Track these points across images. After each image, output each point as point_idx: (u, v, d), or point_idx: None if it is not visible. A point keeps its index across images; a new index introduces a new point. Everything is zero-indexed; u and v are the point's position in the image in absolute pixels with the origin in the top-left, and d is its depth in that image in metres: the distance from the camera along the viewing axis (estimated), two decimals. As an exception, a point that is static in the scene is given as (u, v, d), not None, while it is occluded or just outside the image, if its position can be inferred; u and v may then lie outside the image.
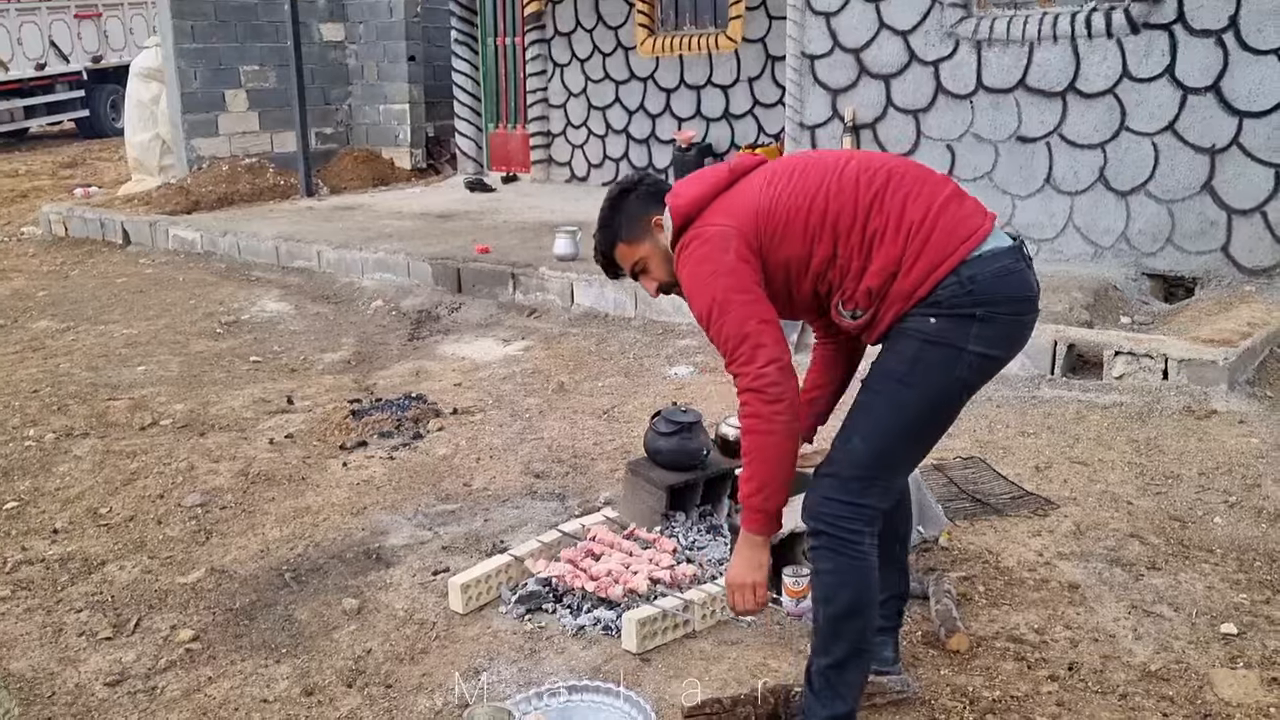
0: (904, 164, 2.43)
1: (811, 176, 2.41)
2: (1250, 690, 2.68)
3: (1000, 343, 2.33)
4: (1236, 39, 5.79)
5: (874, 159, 2.45)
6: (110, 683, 2.90)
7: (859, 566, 2.34)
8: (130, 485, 4.21)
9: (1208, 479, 3.96)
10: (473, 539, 3.65)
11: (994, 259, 2.30)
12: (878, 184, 2.36)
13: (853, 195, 2.36)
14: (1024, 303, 2.34)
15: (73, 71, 17.12)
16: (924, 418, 2.36)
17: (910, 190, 2.35)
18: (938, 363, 2.29)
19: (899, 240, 2.31)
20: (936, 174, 2.42)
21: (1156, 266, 6.24)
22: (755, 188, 2.44)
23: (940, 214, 2.32)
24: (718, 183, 2.48)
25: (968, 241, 2.29)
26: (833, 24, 7.09)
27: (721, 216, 2.41)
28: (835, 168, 2.41)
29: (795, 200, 2.38)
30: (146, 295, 7.52)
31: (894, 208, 2.33)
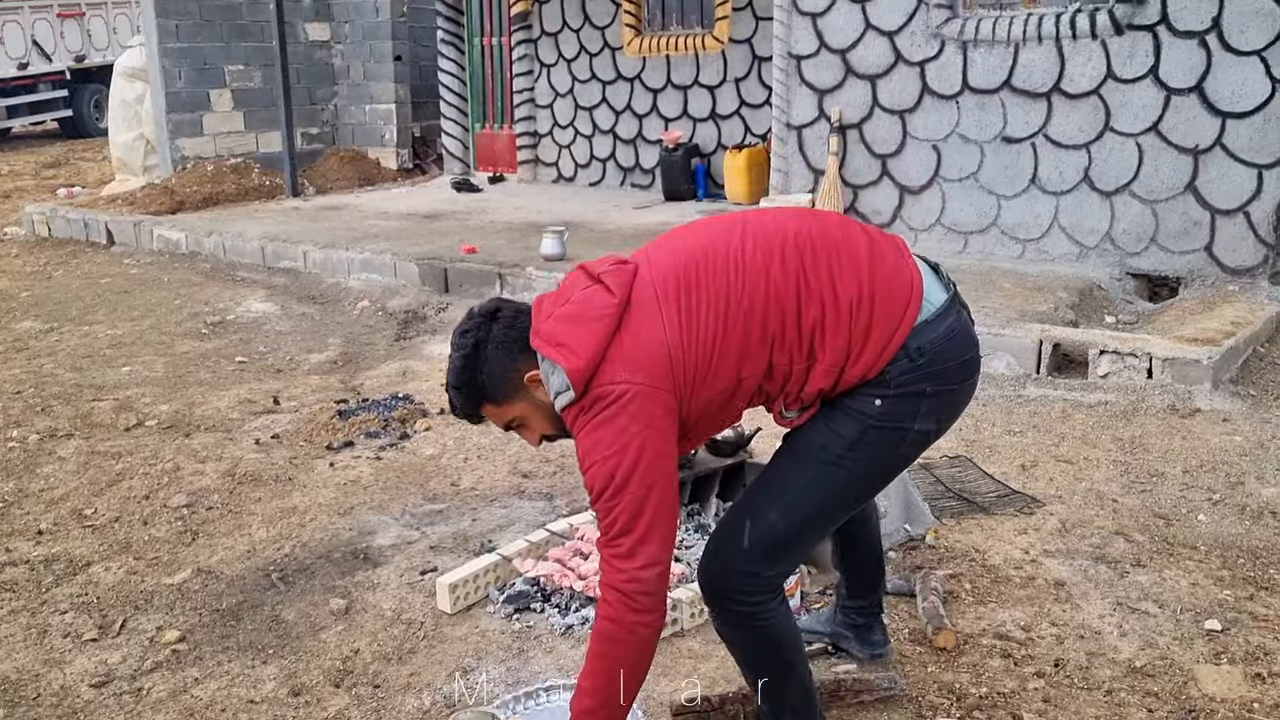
0: (804, 226, 2.11)
1: (713, 284, 2.04)
2: (1234, 685, 2.70)
3: (947, 414, 2.17)
4: (1219, 40, 5.83)
5: (767, 229, 2.09)
6: (96, 684, 2.88)
7: (770, 628, 2.17)
8: (115, 486, 4.19)
9: (1192, 477, 3.99)
10: (460, 539, 3.65)
11: (939, 320, 2.09)
12: (792, 265, 2.04)
13: (774, 291, 2.03)
14: (971, 364, 2.15)
15: (56, 71, 17.03)
16: (856, 494, 2.20)
17: (832, 261, 2.05)
18: (879, 444, 2.10)
19: (842, 328, 2.03)
20: (840, 226, 2.14)
21: (1141, 266, 6.28)
22: (653, 321, 2.03)
23: (874, 280, 2.06)
24: (608, 326, 2.03)
25: (910, 307, 2.06)
26: (819, 24, 7.11)
27: (625, 370, 2.00)
28: (734, 260, 2.05)
29: (709, 327, 2.02)
30: (131, 296, 7.48)
31: (824, 289, 2.03)
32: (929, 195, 6.94)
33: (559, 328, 2.07)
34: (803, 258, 2.05)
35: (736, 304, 2.03)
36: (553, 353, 2.05)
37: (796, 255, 2.06)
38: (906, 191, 7.02)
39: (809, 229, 2.10)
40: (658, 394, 2.00)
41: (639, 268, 2.11)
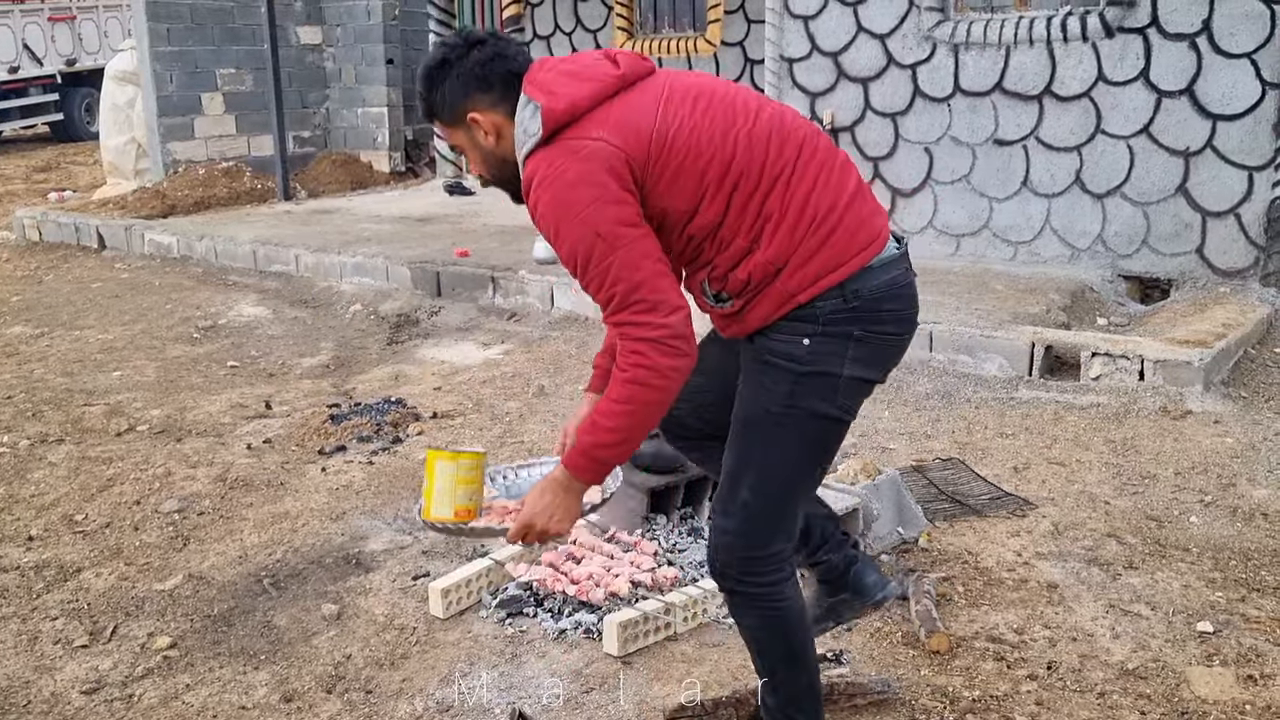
0: (816, 136, 2.10)
1: (719, 114, 2.01)
2: (1226, 688, 2.71)
3: (878, 363, 2.10)
4: (1210, 43, 5.85)
5: (787, 118, 2.08)
6: (86, 691, 2.87)
7: (784, 613, 2.16)
8: (106, 491, 4.17)
9: (1184, 479, 4.00)
10: (453, 543, 3.63)
11: (884, 270, 2.05)
12: (789, 154, 2.02)
13: (761, 158, 2.00)
14: (905, 321, 2.12)
15: (46, 75, 16.96)
16: (811, 453, 2.14)
17: (820, 173, 2.03)
18: (814, 394, 2.05)
19: (796, 232, 2.00)
20: (844, 155, 2.12)
21: (1132, 268, 6.30)
22: (649, 103, 1.99)
23: (846, 210, 2.03)
24: (605, 86, 1.98)
25: (866, 250, 2.03)
26: (811, 27, 7.12)
27: (605, 130, 1.94)
28: (747, 113, 2.04)
29: (698, 138, 1.97)
30: (122, 300, 7.46)
31: (799, 190, 2.01)
32: (921, 198, 6.95)
33: (554, 78, 2.01)
34: (799, 157, 2.03)
35: (730, 145, 1.99)
36: (536, 94, 1.98)
37: (796, 150, 2.04)
38: (899, 194, 7.03)
39: (817, 141, 2.09)
40: (629, 161, 1.94)
41: (658, 69, 2.10)
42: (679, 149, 1.97)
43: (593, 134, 1.94)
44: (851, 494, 3.38)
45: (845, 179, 2.07)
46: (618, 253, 1.92)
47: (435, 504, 2.14)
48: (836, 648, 2.89)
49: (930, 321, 5.41)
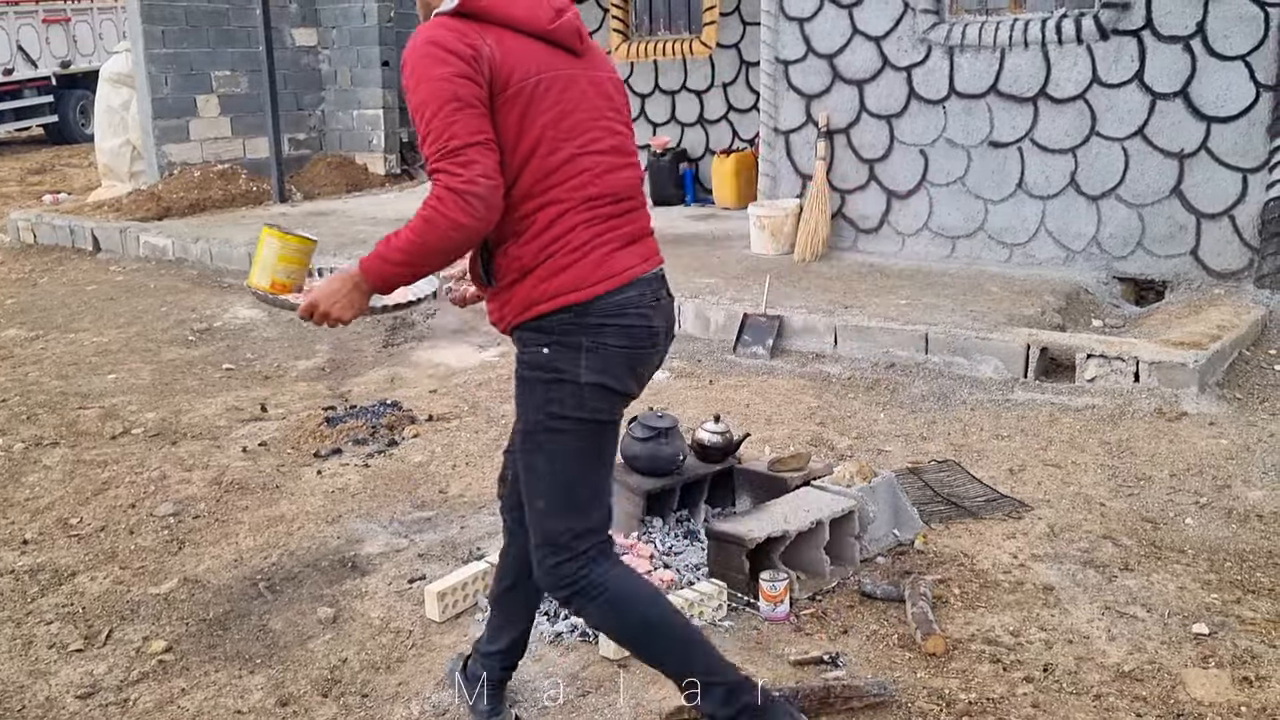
0: (634, 188, 2.28)
1: (573, 116, 2.19)
2: (1222, 689, 2.71)
3: (613, 372, 2.20)
4: (1204, 45, 5.86)
5: (624, 171, 2.26)
6: (81, 695, 2.86)
7: (616, 596, 2.26)
8: (101, 495, 4.16)
9: (1179, 480, 4.00)
10: (449, 546, 3.63)
11: (617, 293, 2.18)
12: (592, 186, 2.19)
13: (568, 170, 2.17)
14: (636, 338, 2.22)
15: (41, 77, 16.94)
16: (583, 457, 2.24)
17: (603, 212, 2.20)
18: (565, 400, 2.19)
19: (549, 248, 2.16)
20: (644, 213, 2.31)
21: (1127, 270, 6.31)
22: (536, 60, 2.16)
23: (604, 250, 2.18)
24: (527, 19, 2.17)
25: (605, 283, 2.17)
26: (806, 30, 7.13)
27: (496, 44, 2.12)
28: (597, 135, 2.21)
29: (538, 107, 2.15)
30: (117, 303, 7.45)
31: (572, 219, 2.16)
32: (916, 200, 6.96)
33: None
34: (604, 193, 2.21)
35: (556, 133, 2.16)
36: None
37: (606, 186, 2.22)
38: (894, 196, 7.04)
39: (636, 187, 2.30)
40: (489, 76, 2.11)
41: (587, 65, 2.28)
42: (511, 94, 2.13)
43: (487, 38, 2.12)
44: (847, 496, 3.38)
45: (625, 226, 2.24)
46: (463, 114, 2.06)
47: (257, 273, 2.35)
48: (833, 650, 2.89)
49: (926, 323, 5.42)
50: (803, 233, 7.09)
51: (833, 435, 4.53)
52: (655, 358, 2.30)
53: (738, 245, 7.51)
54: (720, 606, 3.09)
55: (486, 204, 2.06)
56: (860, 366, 5.39)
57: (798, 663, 2.85)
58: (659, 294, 2.28)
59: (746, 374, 5.40)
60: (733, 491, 3.70)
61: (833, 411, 4.82)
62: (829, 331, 5.60)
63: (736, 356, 5.67)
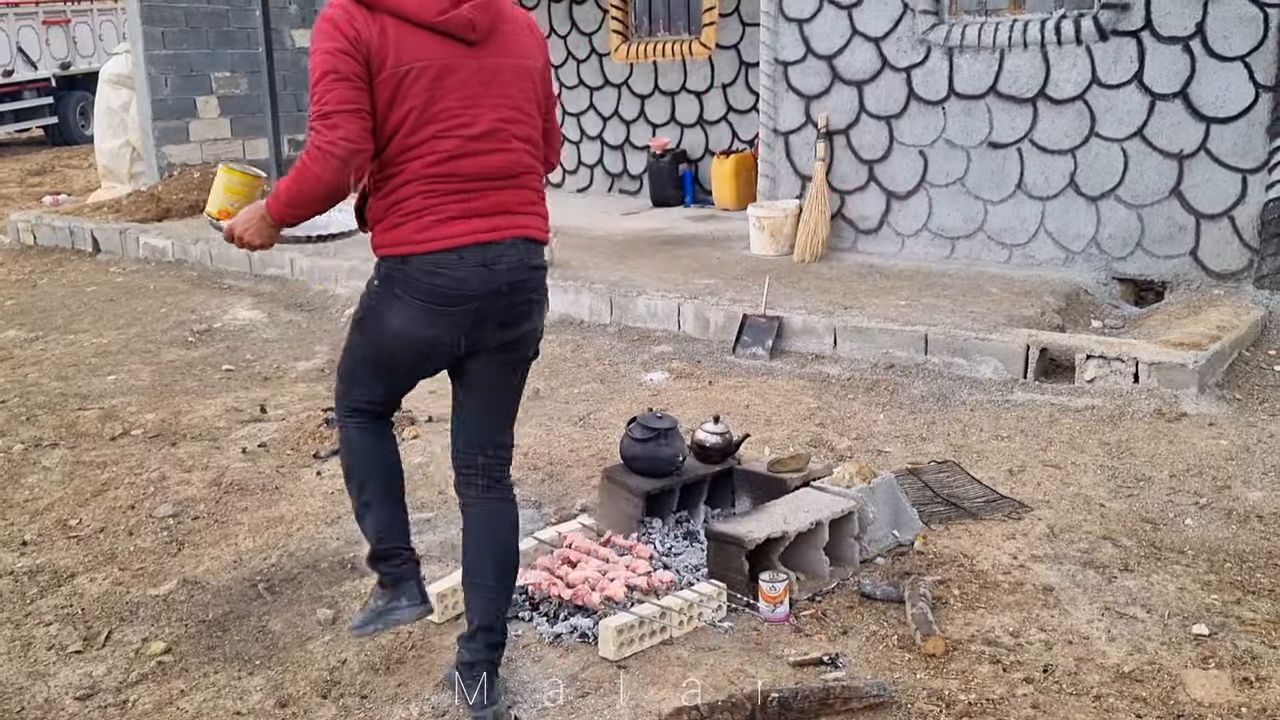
0: (512, 168, 2.57)
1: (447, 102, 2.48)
2: (1222, 690, 2.71)
3: (418, 325, 2.55)
4: (1203, 46, 5.86)
5: (499, 156, 2.55)
6: (80, 697, 2.86)
7: (348, 438, 2.77)
8: (101, 496, 4.16)
9: (1178, 481, 4.00)
10: (448, 547, 3.63)
11: (435, 256, 2.50)
12: (454, 165, 2.50)
13: (431, 146, 2.48)
14: (440, 299, 2.52)
15: (41, 78, 16.94)
16: (365, 358, 2.69)
17: (459, 185, 2.51)
18: (371, 321, 2.62)
19: (391, 211, 2.52)
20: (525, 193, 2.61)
21: (1127, 271, 6.31)
22: (421, 50, 2.45)
23: (440, 218, 2.50)
24: (420, 11, 2.43)
25: (426, 245, 2.50)
26: (806, 31, 7.13)
27: (385, 30, 2.42)
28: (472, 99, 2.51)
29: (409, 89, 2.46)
30: (117, 304, 7.45)
31: (416, 186, 2.50)
32: (916, 200, 6.96)
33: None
34: (470, 174, 2.52)
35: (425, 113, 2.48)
36: None
37: (471, 167, 2.51)
38: (893, 197, 7.04)
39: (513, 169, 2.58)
40: (367, 60, 2.42)
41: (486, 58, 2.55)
42: (386, 77, 2.44)
43: (373, 25, 2.42)
44: (847, 497, 3.38)
45: (488, 202, 2.54)
46: (338, 85, 2.40)
47: (210, 201, 2.82)
48: (832, 651, 2.89)
49: (925, 324, 5.42)
50: (802, 234, 7.09)
51: (832, 436, 4.53)
52: (479, 318, 2.58)
53: (737, 246, 7.51)
54: (720, 607, 3.09)
55: (343, 163, 2.41)
56: (860, 367, 5.39)
57: (797, 664, 2.85)
58: (491, 261, 2.54)
59: (746, 375, 5.40)
60: (732, 492, 3.70)
61: (832, 412, 4.82)
62: (828, 332, 5.60)
63: (736, 357, 5.66)
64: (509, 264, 2.57)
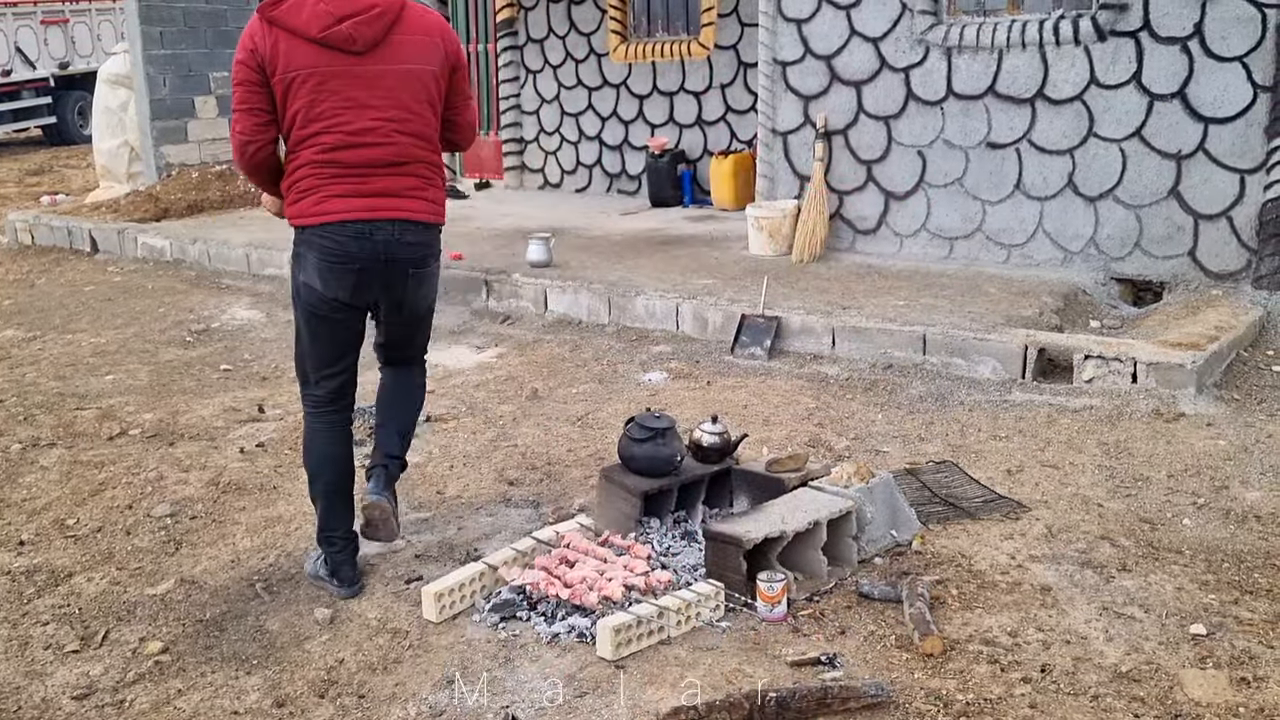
0: (382, 139, 3.11)
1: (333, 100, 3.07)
2: (1220, 690, 2.71)
3: (317, 280, 3.17)
4: (1201, 46, 5.86)
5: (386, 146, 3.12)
6: (78, 696, 2.85)
7: (306, 433, 3.38)
8: (98, 496, 4.16)
9: (1176, 481, 4.00)
10: (446, 547, 3.63)
11: (325, 228, 3.12)
12: (341, 154, 3.09)
13: (323, 136, 3.09)
14: (331, 260, 3.14)
15: (39, 78, 16.93)
16: (305, 335, 3.29)
17: (347, 170, 3.11)
18: (294, 289, 3.26)
19: (292, 189, 3.16)
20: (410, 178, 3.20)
21: (1125, 271, 6.31)
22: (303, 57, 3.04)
23: (327, 195, 3.11)
24: (304, 25, 3.02)
25: (317, 219, 3.12)
26: (804, 31, 7.13)
27: (271, 41, 3.04)
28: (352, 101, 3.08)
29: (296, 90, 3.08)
30: (115, 304, 7.44)
31: (311, 172, 3.12)
32: (914, 201, 6.96)
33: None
34: (357, 157, 3.11)
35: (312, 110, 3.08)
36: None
37: (356, 154, 3.10)
38: (892, 197, 7.04)
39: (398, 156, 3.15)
40: (259, 65, 3.06)
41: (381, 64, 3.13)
42: (280, 83, 3.07)
43: (269, 38, 3.05)
44: (845, 497, 3.38)
45: (368, 185, 3.12)
46: (240, 89, 3.10)
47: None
48: (830, 651, 2.89)
49: (924, 324, 5.42)
50: (800, 234, 7.09)
51: (830, 436, 4.53)
52: (362, 278, 3.18)
53: (735, 246, 7.51)
54: (718, 607, 3.09)
55: (241, 150, 3.16)
56: (858, 367, 5.39)
57: (795, 663, 2.85)
58: (369, 234, 3.14)
59: (744, 375, 5.40)
60: (730, 492, 3.70)
61: (830, 412, 4.82)
62: (827, 332, 5.60)
63: (734, 357, 5.66)
64: (384, 237, 3.15)
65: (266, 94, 3.06)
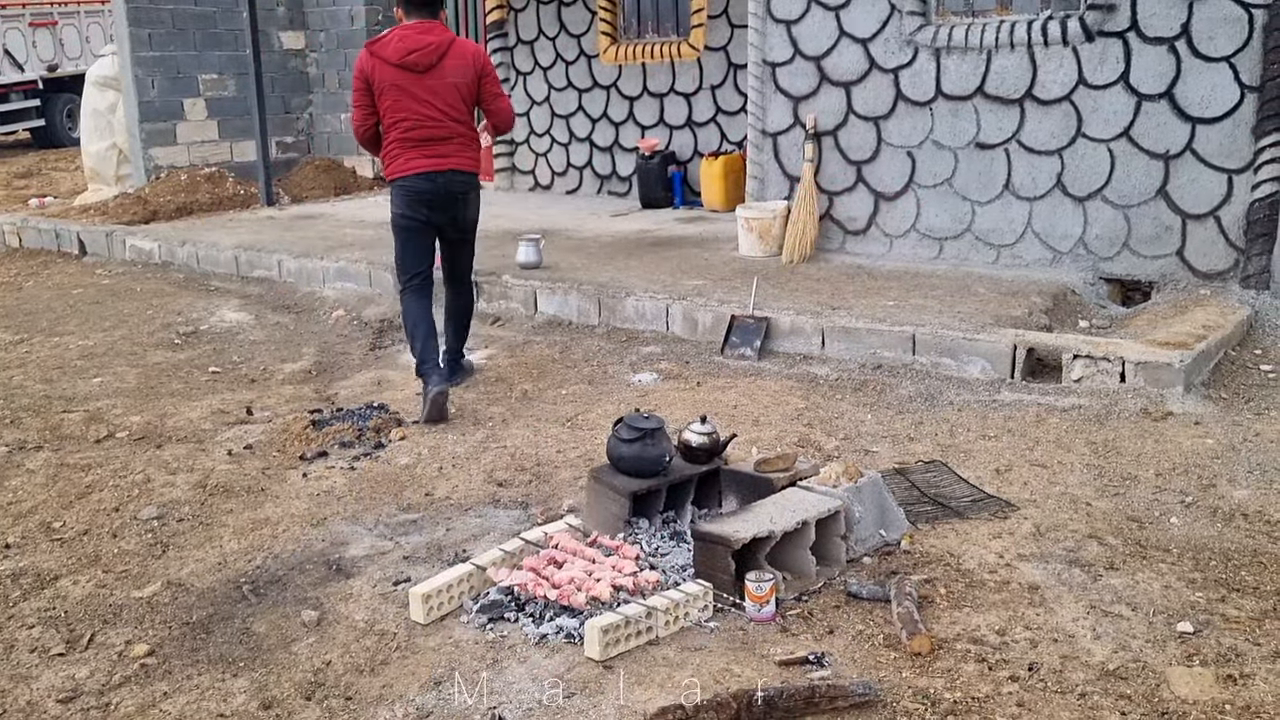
0: (445, 127, 4.99)
1: (405, 96, 4.95)
2: (1206, 687, 2.71)
3: (402, 208, 5.07)
4: (1189, 46, 5.88)
5: (434, 121, 4.97)
6: (63, 700, 2.84)
7: (404, 303, 5.24)
8: (85, 499, 4.14)
9: (1164, 480, 4.01)
10: (434, 548, 3.62)
11: (405, 178, 5.03)
12: (414, 131, 4.97)
13: (401, 121, 4.98)
14: (411, 196, 5.03)
15: (28, 80, 16.88)
16: (399, 239, 5.18)
17: (418, 143, 4.98)
18: (392, 217, 5.15)
19: (386, 155, 5.09)
20: (453, 140, 5.01)
21: (1114, 271, 6.33)
22: (391, 73, 4.93)
23: (409, 159, 4.99)
24: (395, 53, 4.95)
25: (403, 172, 5.02)
26: (794, 32, 7.13)
27: (374, 62, 4.98)
28: (418, 104, 4.96)
29: (386, 97, 4.97)
30: (103, 306, 7.42)
31: (399, 143, 5.01)
32: (904, 201, 6.97)
33: (398, 31, 5.03)
34: (420, 131, 4.98)
35: (395, 105, 4.99)
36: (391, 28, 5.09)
37: (422, 130, 4.98)
38: (881, 198, 7.05)
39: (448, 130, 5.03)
40: (365, 79, 5.00)
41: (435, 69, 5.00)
42: (376, 90, 4.98)
43: (372, 62, 4.95)
44: (833, 497, 3.38)
45: (431, 151, 4.99)
46: (357, 95, 5.01)
47: None
48: (818, 650, 2.89)
49: (913, 325, 5.43)
50: (790, 234, 7.10)
51: (820, 436, 4.53)
52: (432, 206, 5.07)
53: (726, 247, 7.51)
54: (706, 607, 3.09)
55: (357, 129, 5.10)
56: (848, 368, 5.39)
57: (783, 663, 2.85)
58: (433, 178, 5.01)
59: (734, 375, 5.40)
60: (719, 492, 3.70)
61: (820, 412, 4.82)
62: (816, 333, 5.60)
63: (724, 358, 5.66)
64: (445, 179, 5.03)
65: (369, 97, 4.97)
